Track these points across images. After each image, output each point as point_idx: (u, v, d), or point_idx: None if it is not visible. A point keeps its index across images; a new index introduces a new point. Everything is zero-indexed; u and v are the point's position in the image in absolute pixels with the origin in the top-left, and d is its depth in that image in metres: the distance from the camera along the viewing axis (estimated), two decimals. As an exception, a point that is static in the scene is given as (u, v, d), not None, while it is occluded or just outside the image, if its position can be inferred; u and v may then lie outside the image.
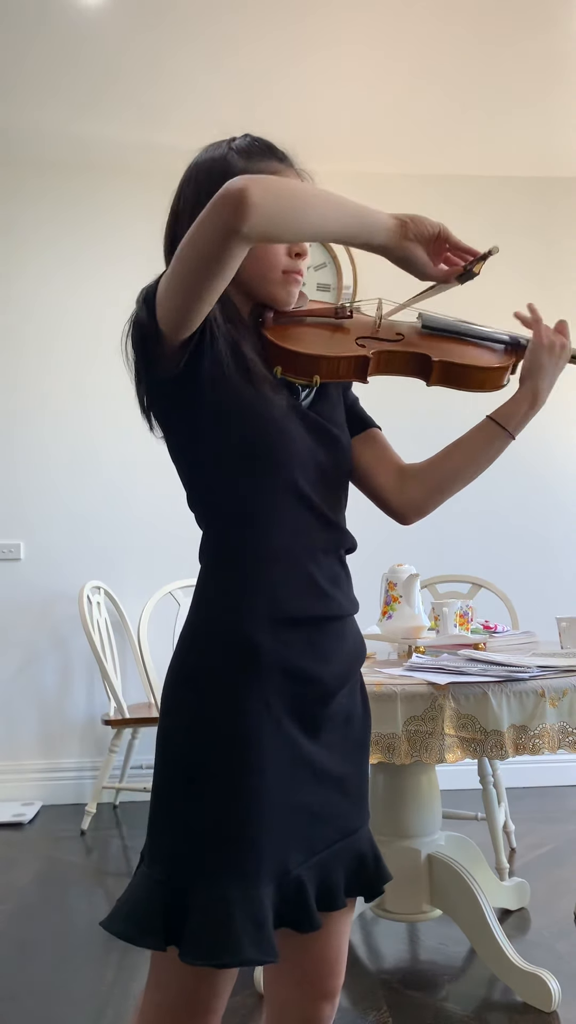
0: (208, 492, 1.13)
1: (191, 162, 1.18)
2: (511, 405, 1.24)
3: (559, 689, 1.82)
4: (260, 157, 1.15)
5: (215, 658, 1.07)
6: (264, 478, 1.10)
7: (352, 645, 1.19)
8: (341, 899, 1.13)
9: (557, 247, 4.08)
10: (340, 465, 1.19)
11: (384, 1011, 1.99)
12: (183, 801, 1.05)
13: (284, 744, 1.07)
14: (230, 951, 0.98)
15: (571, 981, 2.08)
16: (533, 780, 3.81)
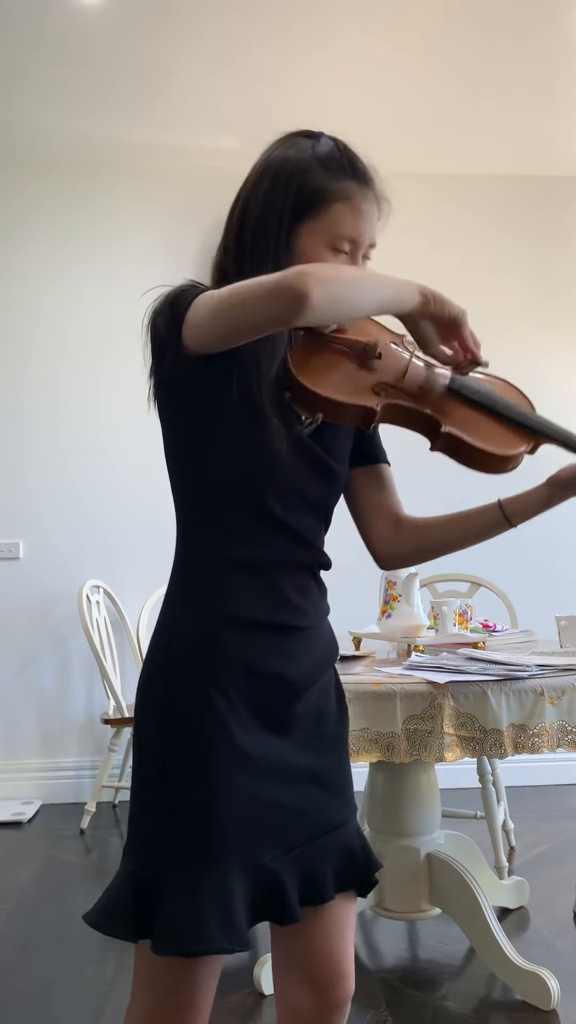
0: (188, 500, 1.14)
1: (266, 152, 1.16)
2: (526, 502, 1.22)
3: (558, 688, 1.82)
4: (340, 175, 1.12)
5: (179, 654, 1.09)
6: (241, 498, 1.10)
7: (322, 648, 1.19)
8: (329, 892, 1.13)
9: (558, 246, 4.08)
10: (329, 497, 1.19)
11: (383, 1010, 1.99)
12: (153, 794, 1.07)
13: (249, 741, 1.08)
14: (199, 940, 0.99)
15: (570, 980, 2.08)
16: (532, 779, 3.81)
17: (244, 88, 3.31)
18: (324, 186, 1.10)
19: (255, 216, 1.11)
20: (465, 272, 4.01)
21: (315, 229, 1.10)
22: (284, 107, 3.44)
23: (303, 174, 1.11)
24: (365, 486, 1.27)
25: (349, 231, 1.11)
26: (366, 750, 1.76)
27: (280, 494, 1.11)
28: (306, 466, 1.14)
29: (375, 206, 1.14)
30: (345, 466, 1.22)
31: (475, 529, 1.24)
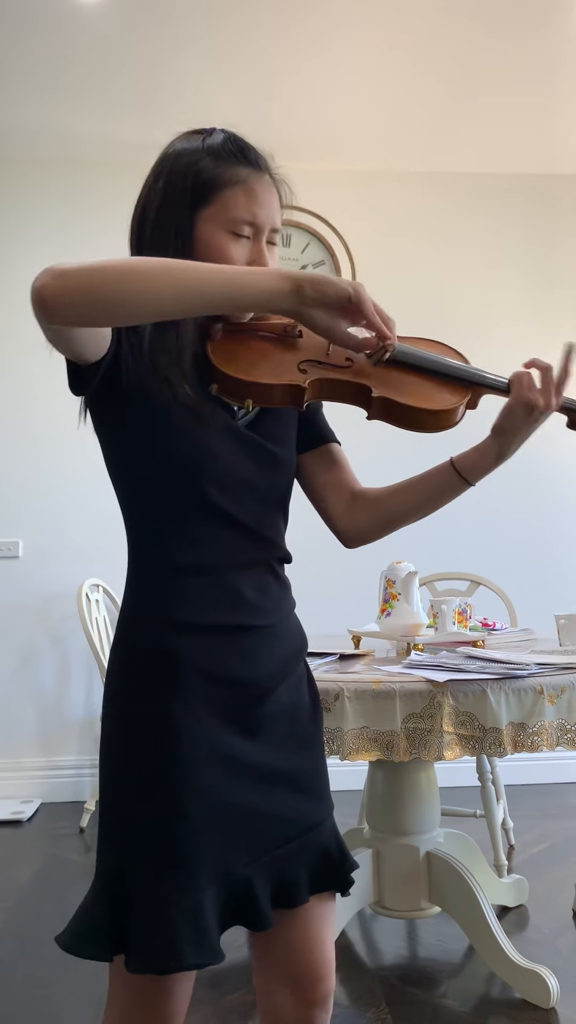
0: (131, 506, 1.13)
1: (163, 151, 1.16)
2: (476, 456, 1.18)
3: (558, 686, 1.82)
4: (231, 161, 1.11)
5: (137, 667, 1.08)
6: (182, 496, 1.09)
7: (288, 645, 1.17)
8: (302, 895, 1.12)
9: (558, 244, 4.08)
10: (276, 484, 1.17)
11: (383, 1008, 1.99)
12: (119, 810, 1.06)
13: (216, 747, 1.06)
14: (171, 957, 0.98)
15: (570, 978, 2.08)
16: (532, 777, 3.82)
17: (241, 86, 3.31)
18: (216, 173, 1.10)
19: (154, 213, 1.11)
20: (465, 270, 4.01)
21: (211, 216, 1.10)
22: (281, 105, 3.44)
23: (195, 164, 1.11)
24: (317, 468, 1.25)
25: (244, 214, 1.10)
26: (365, 748, 1.76)
27: (223, 487, 1.10)
28: (247, 456, 1.13)
29: (271, 189, 1.13)
30: (291, 451, 1.20)
31: (432, 492, 1.21)
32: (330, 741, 1.78)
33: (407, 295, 3.95)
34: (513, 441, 1.16)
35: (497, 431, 1.16)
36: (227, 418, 1.13)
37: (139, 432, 1.09)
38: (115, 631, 1.13)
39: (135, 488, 1.12)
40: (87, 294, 0.90)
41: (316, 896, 1.15)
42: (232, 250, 1.11)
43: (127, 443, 1.11)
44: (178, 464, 1.09)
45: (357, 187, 3.97)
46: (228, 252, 1.10)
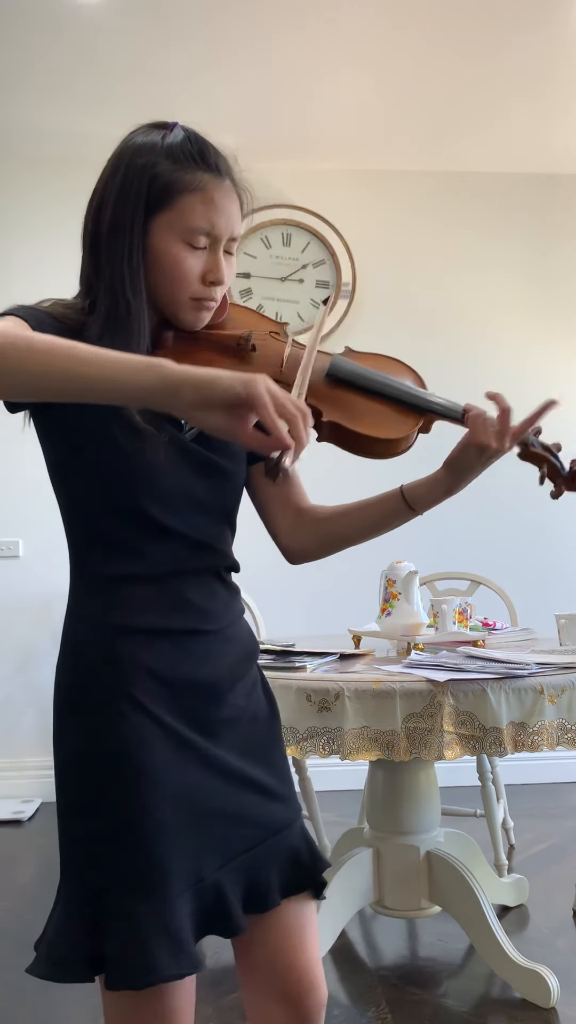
0: (72, 517, 1.10)
1: (118, 147, 1.11)
2: (426, 487, 1.16)
3: (558, 686, 1.82)
4: (190, 165, 1.06)
5: (84, 674, 1.05)
6: (121, 510, 1.06)
7: (237, 648, 1.14)
8: (273, 898, 1.10)
9: (557, 244, 4.07)
10: (223, 499, 1.14)
11: (383, 1008, 1.99)
12: (81, 825, 1.03)
13: (178, 749, 1.04)
14: (148, 970, 0.96)
15: (570, 977, 2.08)
16: (532, 777, 3.81)
17: (241, 85, 3.31)
18: (173, 178, 1.05)
19: (109, 215, 1.06)
20: (465, 269, 4.00)
21: (167, 223, 1.05)
22: (281, 105, 3.44)
23: (153, 166, 1.05)
24: (264, 483, 1.22)
25: (201, 223, 1.05)
26: (366, 748, 1.76)
27: (164, 502, 1.07)
28: (191, 470, 1.10)
29: (232, 195, 1.08)
30: (239, 464, 1.17)
31: (377, 517, 1.19)
32: (330, 740, 1.78)
33: (407, 294, 3.95)
34: (465, 477, 1.14)
35: (449, 465, 1.15)
36: (173, 431, 1.08)
37: (79, 445, 1.06)
38: (61, 641, 1.09)
39: (77, 499, 1.09)
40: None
41: (291, 900, 1.12)
42: (187, 261, 1.06)
43: (68, 455, 1.07)
44: (118, 479, 1.05)
45: (357, 186, 3.97)
46: (183, 264, 1.06)
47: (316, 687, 1.80)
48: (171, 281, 1.07)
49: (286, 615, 3.41)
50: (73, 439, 1.06)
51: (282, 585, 3.58)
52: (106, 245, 1.06)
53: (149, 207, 1.05)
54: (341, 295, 3.86)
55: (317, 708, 1.79)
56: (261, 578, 3.29)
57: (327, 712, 1.77)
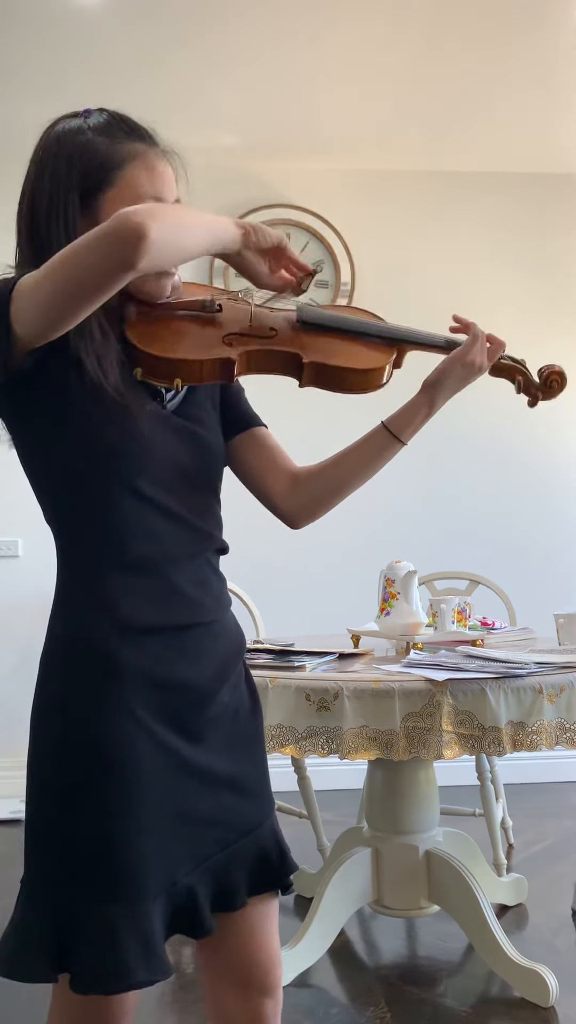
0: (56, 503, 1.09)
1: (39, 143, 1.11)
2: (407, 414, 1.20)
3: (557, 685, 1.82)
4: (125, 138, 1.08)
5: (75, 674, 1.04)
6: (114, 487, 1.05)
7: (226, 643, 1.14)
8: (240, 898, 1.10)
9: (558, 243, 4.07)
10: (208, 469, 1.15)
11: (382, 1007, 1.99)
12: (59, 825, 1.03)
13: (161, 754, 1.04)
14: (119, 976, 0.96)
15: (569, 976, 2.08)
16: (531, 776, 3.81)
17: (240, 84, 3.30)
18: (111, 152, 1.06)
19: (45, 204, 1.06)
20: (464, 269, 4.00)
21: (116, 198, 1.05)
22: (281, 104, 3.44)
23: (84, 146, 1.06)
24: (249, 453, 1.23)
25: (149, 189, 1.07)
26: (365, 747, 1.76)
27: (154, 476, 1.07)
28: (178, 442, 1.10)
29: (166, 162, 1.11)
30: (218, 436, 1.18)
31: (366, 457, 1.21)
32: (329, 740, 1.78)
33: (406, 294, 3.94)
34: (443, 397, 1.20)
35: (430, 386, 1.20)
36: (153, 404, 1.09)
37: (62, 424, 1.04)
38: (46, 639, 1.08)
39: (60, 483, 1.07)
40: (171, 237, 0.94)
41: (256, 898, 1.13)
42: None
43: (49, 436, 1.06)
44: (107, 455, 1.04)
45: (356, 186, 3.97)
46: None
47: (315, 686, 1.80)
48: None
49: (285, 615, 3.41)
50: (58, 417, 1.04)
51: (281, 584, 3.59)
52: (45, 234, 1.06)
53: (90, 187, 1.06)
54: (340, 294, 3.86)
55: (316, 707, 1.79)
56: (260, 577, 3.29)
57: (326, 711, 1.78)
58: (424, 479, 3.80)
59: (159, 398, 1.12)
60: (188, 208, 1.03)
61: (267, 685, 1.82)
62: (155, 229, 0.90)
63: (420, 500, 3.89)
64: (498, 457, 3.92)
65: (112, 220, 0.91)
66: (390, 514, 3.69)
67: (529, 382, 1.28)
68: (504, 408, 3.47)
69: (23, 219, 1.10)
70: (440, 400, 1.20)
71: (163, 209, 0.97)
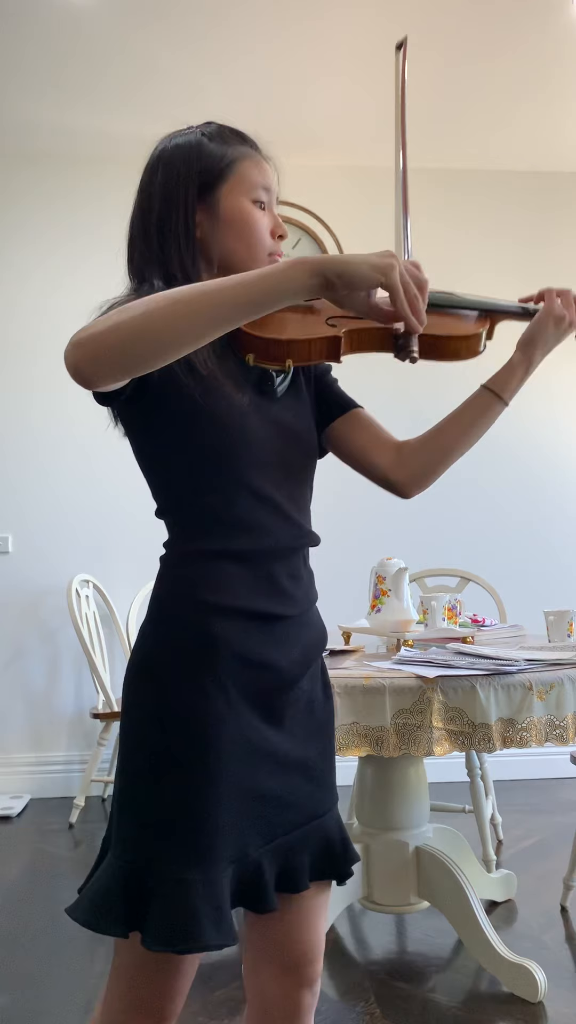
0: (169, 496, 1.14)
1: (155, 152, 1.18)
2: (506, 373, 1.25)
3: (546, 682, 1.82)
4: (233, 141, 1.16)
5: (173, 649, 1.09)
6: (223, 481, 1.10)
7: (313, 634, 1.20)
8: (304, 881, 1.14)
9: (555, 242, 4.08)
10: (304, 458, 1.20)
11: (371, 1002, 2.00)
12: (146, 788, 1.07)
13: (244, 731, 1.08)
14: (192, 936, 1.00)
15: (557, 972, 2.09)
16: (520, 773, 3.83)
17: (233, 80, 3.30)
18: (224, 152, 1.14)
19: (159, 205, 1.13)
20: (460, 267, 4.01)
21: (232, 189, 1.13)
22: (273, 99, 3.44)
23: (199, 149, 1.14)
24: (352, 434, 1.27)
25: (261, 179, 1.15)
26: (355, 744, 1.76)
27: (262, 469, 1.12)
28: (279, 435, 1.15)
29: (268, 166, 1.18)
30: (312, 430, 1.23)
31: (473, 419, 1.25)
32: (320, 737, 1.78)
33: (398, 291, 3.94)
34: (540, 353, 1.24)
35: (523, 342, 1.24)
36: (256, 398, 1.14)
37: (174, 427, 1.10)
38: (148, 613, 1.13)
39: (174, 479, 1.13)
40: (112, 349, 0.87)
41: (315, 884, 1.16)
42: (260, 218, 1.14)
43: (163, 439, 1.11)
44: (218, 451, 1.10)
45: (350, 183, 3.97)
46: (259, 221, 1.14)
47: (306, 683, 1.80)
48: (249, 240, 1.14)
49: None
50: (170, 422, 1.09)
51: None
52: (158, 235, 1.13)
53: (207, 181, 1.13)
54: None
55: (307, 704, 1.79)
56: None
57: (317, 708, 1.78)
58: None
59: (270, 382, 1.16)
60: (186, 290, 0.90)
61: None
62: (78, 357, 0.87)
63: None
64: (489, 454, 3.93)
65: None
66: (381, 511, 3.70)
67: None
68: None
69: (136, 221, 1.16)
70: (538, 357, 1.25)
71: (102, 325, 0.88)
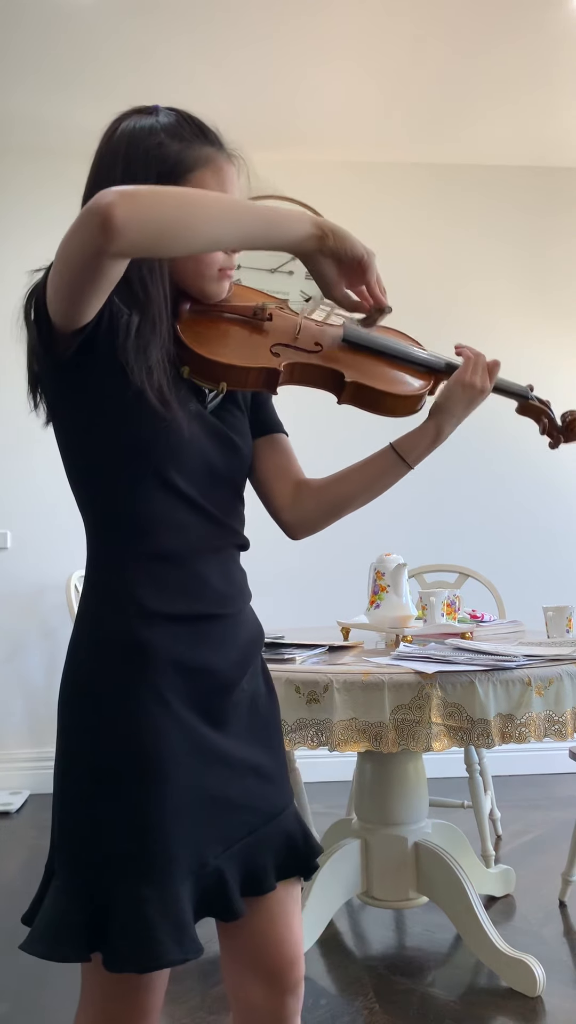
0: (90, 491, 1.10)
1: (106, 137, 1.10)
2: (415, 437, 1.21)
3: (545, 678, 1.83)
4: (193, 141, 1.09)
5: (105, 661, 1.05)
6: (146, 480, 1.06)
7: (250, 633, 1.17)
8: (270, 882, 1.12)
9: (555, 237, 4.08)
10: (237, 472, 1.16)
11: (370, 997, 2.00)
12: (89, 808, 1.03)
13: (189, 738, 1.05)
14: (152, 955, 0.97)
15: (556, 967, 2.10)
16: (519, 768, 3.84)
17: (232, 75, 3.29)
18: (183, 156, 1.07)
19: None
20: (460, 263, 4.00)
21: None
22: (273, 94, 3.42)
23: (157, 148, 1.06)
24: (264, 456, 1.24)
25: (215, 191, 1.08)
26: (354, 739, 1.76)
27: (188, 473, 1.08)
28: (212, 442, 1.12)
29: (231, 166, 1.12)
30: (247, 441, 1.20)
31: (373, 476, 1.21)
32: (319, 732, 1.78)
33: (400, 288, 3.92)
34: (450, 421, 1.20)
35: (436, 411, 1.21)
36: (194, 403, 1.11)
37: (106, 407, 1.05)
38: (76, 625, 1.09)
39: (97, 471, 1.08)
40: (154, 219, 0.88)
41: (281, 882, 1.14)
42: None
43: (91, 419, 1.06)
44: (145, 447, 1.05)
45: (348, 177, 3.96)
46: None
47: (305, 679, 1.80)
48: (200, 257, 1.08)
49: (275, 607, 3.41)
50: (103, 400, 1.05)
51: (271, 577, 3.58)
52: None
53: None
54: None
55: (306, 700, 1.79)
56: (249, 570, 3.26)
57: (316, 704, 1.78)
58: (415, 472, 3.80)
59: (201, 397, 1.13)
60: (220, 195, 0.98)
61: (257, 677, 1.82)
62: (124, 212, 0.85)
63: (410, 493, 3.90)
64: (488, 451, 3.93)
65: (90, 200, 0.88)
66: (380, 507, 3.69)
67: (552, 425, 1.33)
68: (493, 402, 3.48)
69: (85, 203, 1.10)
70: (447, 425, 1.20)
71: (155, 192, 0.91)
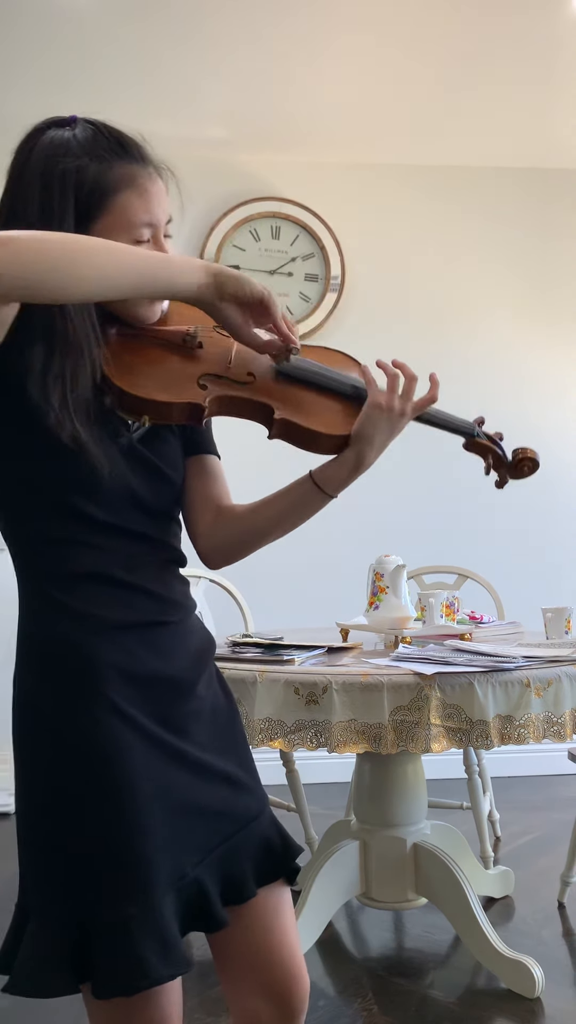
0: (13, 514, 1.07)
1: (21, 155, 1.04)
2: (334, 466, 1.14)
3: (544, 679, 1.83)
4: (115, 159, 1.03)
5: (52, 676, 1.03)
6: (69, 506, 1.03)
7: (199, 641, 1.14)
8: (250, 888, 1.09)
9: (553, 239, 4.08)
10: (166, 500, 1.12)
11: (369, 998, 2.00)
12: (58, 833, 0.99)
13: (149, 747, 1.02)
14: (139, 975, 0.94)
15: (555, 968, 2.10)
16: (518, 769, 3.84)
17: (232, 77, 3.29)
18: (103, 178, 1.01)
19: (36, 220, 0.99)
20: (458, 265, 4.00)
21: (108, 226, 1.01)
22: (272, 96, 3.42)
23: (75, 172, 1.00)
24: (191, 477, 1.19)
25: (143, 216, 1.03)
26: (353, 741, 1.76)
27: (108, 504, 1.04)
28: (137, 474, 1.07)
29: (157, 180, 1.06)
30: (179, 468, 1.15)
31: (291, 506, 1.16)
32: (318, 733, 1.78)
33: (396, 288, 3.94)
34: (369, 449, 1.12)
35: (355, 438, 1.13)
36: (125, 435, 1.07)
37: (19, 432, 1.01)
38: (18, 653, 1.06)
39: (14, 493, 1.05)
40: (34, 268, 0.84)
41: (265, 889, 1.12)
42: None
43: (6, 442, 1.02)
44: (58, 485, 1.02)
45: (347, 179, 3.96)
46: None
47: (304, 680, 1.80)
48: None
49: (274, 608, 3.41)
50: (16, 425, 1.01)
51: (270, 578, 3.58)
52: None
53: (82, 215, 1.01)
54: (330, 288, 3.85)
55: (305, 701, 1.79)
56: (249, 571, 3.29)
57: (315, 705, 1.78)
58: (413, 473, 3.81)
59: (126, 426, 1.09)
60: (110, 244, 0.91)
61: (256, 678, 1.82)
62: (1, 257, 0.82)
63: (409, 494, 3.90)
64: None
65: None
66: (379, 508, 3.70)
67: (500, 461, 1.26)
68: (492, 403, 3.48)
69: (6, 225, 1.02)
70: (368, 453, 1.12)
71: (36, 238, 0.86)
